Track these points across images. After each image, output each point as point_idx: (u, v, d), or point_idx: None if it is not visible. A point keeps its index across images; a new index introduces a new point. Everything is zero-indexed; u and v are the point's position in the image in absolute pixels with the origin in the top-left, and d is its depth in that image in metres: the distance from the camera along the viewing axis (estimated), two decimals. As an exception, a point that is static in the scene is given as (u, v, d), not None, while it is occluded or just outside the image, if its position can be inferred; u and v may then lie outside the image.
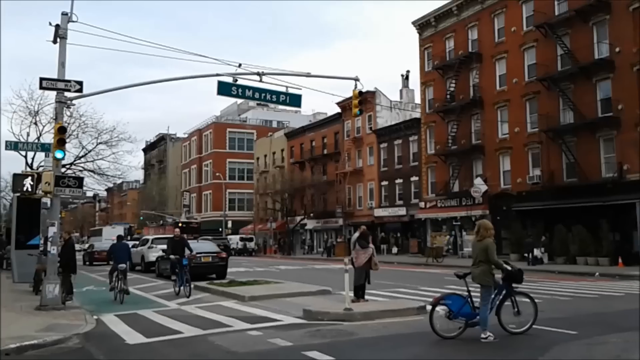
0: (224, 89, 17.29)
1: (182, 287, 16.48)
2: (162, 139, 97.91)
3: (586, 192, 30.94)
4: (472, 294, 9.27)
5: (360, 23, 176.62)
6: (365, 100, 38.13)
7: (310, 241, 60.04)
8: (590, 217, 29.90)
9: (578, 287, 18.25)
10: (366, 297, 13.73)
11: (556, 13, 33.91)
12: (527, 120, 35.82)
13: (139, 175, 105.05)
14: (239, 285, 17.85)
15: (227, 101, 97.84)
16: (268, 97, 18.20)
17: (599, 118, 31.23)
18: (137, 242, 32.32)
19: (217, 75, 17.30)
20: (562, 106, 33.57)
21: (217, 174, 70.73)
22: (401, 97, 54.47)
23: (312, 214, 57.39)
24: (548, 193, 33.28)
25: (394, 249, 46.45)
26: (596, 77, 31.70)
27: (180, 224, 51.04)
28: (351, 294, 12.69)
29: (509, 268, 9.22)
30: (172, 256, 17.09)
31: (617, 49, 30.50)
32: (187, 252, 17.24)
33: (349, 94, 20.45)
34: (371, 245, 14.10)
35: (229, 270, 23.91)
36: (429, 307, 9.85)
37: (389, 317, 11.57)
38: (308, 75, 19.25)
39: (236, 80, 17.37)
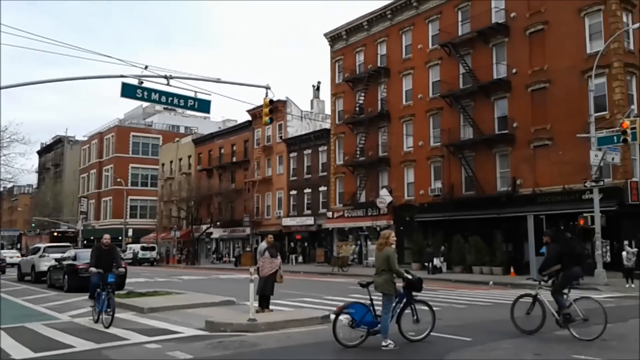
0: (128, 91, 16.65)
1: (102, 313, 12.10)
2: (59, 142, 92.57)
3: (483, 204, 32.68)
4: (375, 302, 9.40)
5: (273, 32, 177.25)
6: (276, 109, 38.24)
7: (225, 250, 58.85)
8: (486, 228, 31.61)
9: (473, 296, 19.11)
10: (271, 307, 13.57)
11: (459, 33, 35.72)
12: (430, 134, 37.34)
13: (32, 179, 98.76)
14: (137, 297, 17.06)
15: (132, 104, 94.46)
16: (176, 101, 17.76)
17: (496, 135, 33.13)
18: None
19: (122, 76, 16.66)
20: (462, 122, 35.30)
21: (119, 180, 67.85)
22: (312, 107, 55.08)
23: (218, 223, 56.41)
24: (448, 205, 34.82)
25: (299, 258, 46.69)
26: (494, 96, 33.66)
27: (55, 233, 48.32)
28: (256, 304, 12.50)
29: (410, 277, 9.45)
30: (93, 269, 12.78)
31: (514, 70, 32.57)
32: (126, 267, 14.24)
33: (260, 102, 20.32)
34: (279, 256, 14.01)
35: (127, 280, 22.84)
36: (332, 317, 9.88)
37: (293, 327, 11.50)
38: (218, 81, 18.98)
39: (142, 83, 16.83)
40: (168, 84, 17.19)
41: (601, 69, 27.31)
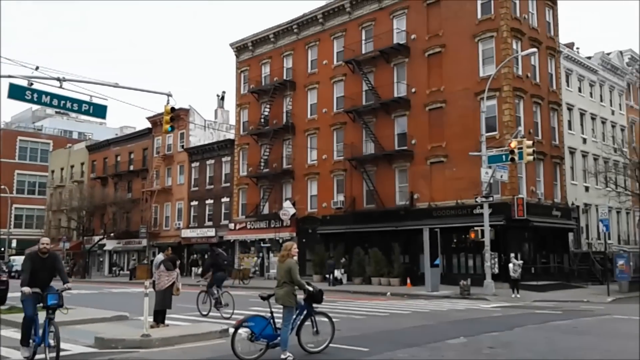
0: (16, 92, 15.63)
1: (45, 348, 8.72)
2: None
3: (382, 217, 33.64)
4: (275, 315, 9.29)
5: (176, 38, 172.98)
6: (178, 117, 37.28)
7: (120, 263, 55.86)
8: (385, 241, 32.54)
9: (371, 306, 19.51)
10: (167, 321, 13.08)
11: (363, 51, 36.73)
12: (334, 148, 37.97)
13: None
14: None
15: (21, 107, 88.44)
16: (69, 105, 16.83)
17: (396, 150, 34.29)
18: None
19: (10, 77, 15.63)
20: (365, 137, 36.22)
21: (2, 187, 62.94)
22: (216, 117, 54.24)
23: (112, 234, 53.79)
24: (350, 217, 35.49)
25: (199, 271, 45.27)
26: (395, 113, 34.87)
27: None
28: (150, 319, 11.98)
29: (311, 289, 9.44)
30: (26, 289, 9.00)
31: (413, 90, 33.96)
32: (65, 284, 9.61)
33: (162, 109, 19.69)
34: (177, 269, 13.60)
35: (10, 295, 21.09)
36: (231, 330, 9.63)
37: (190, 342, 11.12)
38: (116, 85, 18.23)
39: (31, 84, 15.88)
40: (61, 87, 16.30)
41: (492, 92, 29.17)
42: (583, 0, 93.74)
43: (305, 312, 9.47)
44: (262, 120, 42.53)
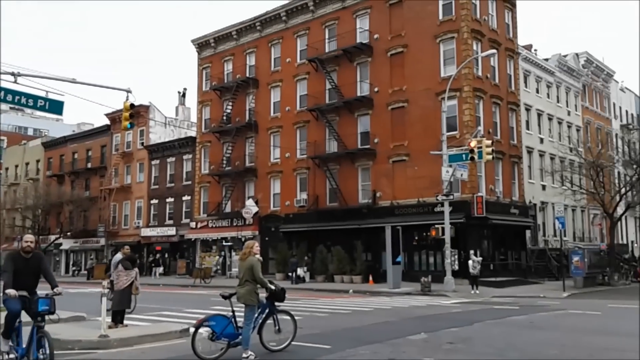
0: (-33, 87, 15.07)
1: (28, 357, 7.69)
2: None
3: (345, 215, 33.78)
4: (237, 314, 9.21)
5: (136, 33, 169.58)
6: (137, 113, 36.54)
7: (79, 262, 54.39)
8: (348, 239, 32.69)
9: (334, 304, 19.56)
10: (126, 322, 12.81)
11: (326, 50, 36.77)
12: (297, 146, 37.90)
13: None
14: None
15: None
16: (23, 101, 16.34)
17: (359, 149, 34.47)
18: None
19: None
20: (328, 136, 36.28)
21: (-46, 184, 60.68)
22: (177, 114, 53.51)
23: (69, 233, 52.46)
24: (313, 215, 35.51)
25: (160, 270, 44.52)
26: (358, 112, 35.03)
27: None
28: (109, 319, 11.72)
29: (273, 287, 9.39)
30: (11, 291, 7.71)
31: (376, 89, 34.18)
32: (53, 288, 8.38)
33: (121, 105, 19.33)
34: (136, 269, 13.36)
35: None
36: (192, 330, 9.50)
37: (149, 342, 10.93)
38: (73, 81, 17.85)
39: (-16, 79, 15.33)
40: (15, 82, 15.83)
41: (453, 92, 29.60)
42: (541, 0, 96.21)
43: (267, 310, 9.42)
44: (225, 117, 42.13)
